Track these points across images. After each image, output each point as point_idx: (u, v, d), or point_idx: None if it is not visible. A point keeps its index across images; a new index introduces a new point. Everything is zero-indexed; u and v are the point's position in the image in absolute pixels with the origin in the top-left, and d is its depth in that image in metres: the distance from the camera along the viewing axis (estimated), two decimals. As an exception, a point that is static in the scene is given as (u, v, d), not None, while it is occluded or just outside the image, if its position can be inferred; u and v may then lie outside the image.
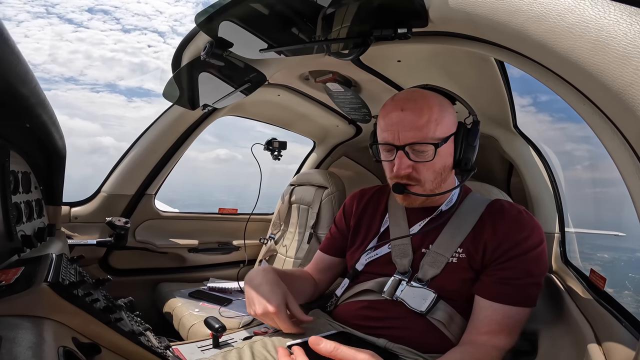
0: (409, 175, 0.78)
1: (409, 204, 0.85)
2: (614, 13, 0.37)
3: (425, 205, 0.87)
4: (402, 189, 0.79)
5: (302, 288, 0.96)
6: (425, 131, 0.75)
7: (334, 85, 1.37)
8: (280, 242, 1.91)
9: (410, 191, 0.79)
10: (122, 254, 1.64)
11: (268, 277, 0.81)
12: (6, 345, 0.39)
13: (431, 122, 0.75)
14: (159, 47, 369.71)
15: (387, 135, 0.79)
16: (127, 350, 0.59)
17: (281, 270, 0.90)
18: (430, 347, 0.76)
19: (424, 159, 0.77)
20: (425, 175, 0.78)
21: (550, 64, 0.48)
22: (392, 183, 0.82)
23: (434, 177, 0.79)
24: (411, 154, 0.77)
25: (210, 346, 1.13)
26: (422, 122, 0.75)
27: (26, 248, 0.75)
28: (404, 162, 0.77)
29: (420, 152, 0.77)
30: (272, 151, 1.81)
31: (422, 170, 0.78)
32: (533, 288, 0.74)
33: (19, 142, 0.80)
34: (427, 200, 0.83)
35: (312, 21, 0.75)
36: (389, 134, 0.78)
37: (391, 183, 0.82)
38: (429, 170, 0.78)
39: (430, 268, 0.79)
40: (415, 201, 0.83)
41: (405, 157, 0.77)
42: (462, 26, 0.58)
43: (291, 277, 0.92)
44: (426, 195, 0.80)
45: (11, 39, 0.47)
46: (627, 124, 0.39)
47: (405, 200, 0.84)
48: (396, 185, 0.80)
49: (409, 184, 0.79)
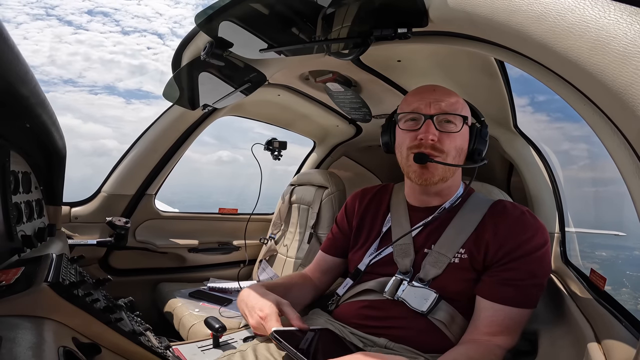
0: (433, 145, 0.79)
1: (426, 179, 0.81)
2: (614, 13, 0.37)
3: (427, 205, 0.87)
4: (426, 158, 0.78)
5: (299, 294, 0.94)
6: (456, 106, 0.81)
7: (334, 85, 1.37)
8: (281, 242, 1.91)
9: (433, 159, 0.78)
10: (122, 254, 1.64)
11: (256, 289, 0.81)
12: (6, 345, 0.39)
13: (460, 102, 0.83)
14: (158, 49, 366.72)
15: (417, 105, 0.81)
16: (127, 350, 0.59)
17: (272, 283, 0.90)
18: (430, 347, 0.76)
19: (452, 130, 0.80)
20: (449, 147, 0.80)
21: (551, 63, 0.48)
22: (412, 154, 0.80)
23: (455, 152, 0.81)
24: (438, 125, 0.79)
25: (210, 346, 1.13)
26: (453, 100, 0.81)
27: (26, 248, 0.75)
28: (432, 130, 0.79)
29: (449, 123, 0.80)
30: (272, 151, 1.81)
31: (446, 142, 0.79)
32: (535, 289, 0.74)
33: (19, 142, 0.80)
34: (442, 180, 0.81)
35: (312, 21, 0.75)
36: (419, 103, 0.81)
37: (410, 154, 0.81)
38: (452, 144, 0.80)
39: (432, 268, 0.79)
40: (433, 176, 0.81)
41: (432, 125, 0.79)
42: (462, 26, 0.58)
43: (285, 288, 0.90)
44: (449, 165, 0.79)
45: (10, 38, 0.47)
46: (627, 123, 0.39)
47: (424, 175, 0.81)
48: (418, 155, 0.79)
49: (432, 153, 0.79)
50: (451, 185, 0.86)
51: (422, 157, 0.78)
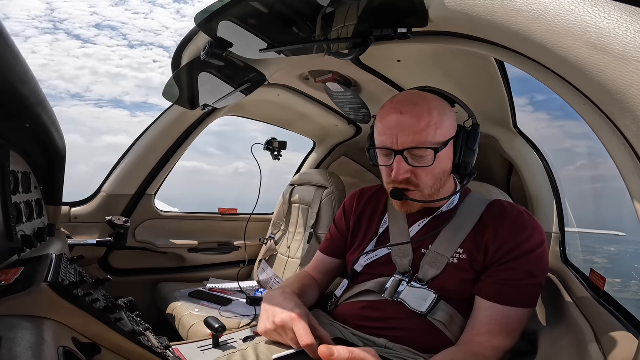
0: (407, 180, 0.77)
1: (407, 211, 0.83)
2: (614, 13, 0.37)
3: (424, 206, 0.86)
4: (401, 195, 0.78)
5: (311, 296, 0.93)
6: (425, 135, 0.73)
7: (334, 85, 1.37)
8: (280, 242, 1.91)
9: (409, 197, 0.78)
10: (122, 254, 1.64)
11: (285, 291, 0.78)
12: (6, 345, 0.39)
13: (431, 126, 0.73)
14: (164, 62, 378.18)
15: (385, 139, 0.77)
16: (127, 351, 0.59)
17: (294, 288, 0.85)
18: (430, 348, 0.76)
19: (423, 164, 0.76)
20: (425, 180, 0.77)
21: (550, 63, 0.48)
22: (390, 188, 0.81)
23: (433, 182, 0.78)
24: (410, 158, 0.76)
25: (210, 346, 1.13)
26: (422, 126, 0.73)
27: (26, 248, 0.75)
28: (403, 167, 0.76)
29: (420, 157, 0.76)
30: (272, 151, 1.81)
31: (422, 175, 0.77)
32: (534, 289, 0.74)
33: (19, 142, 0.80)
34: (425, 206, 0.83)
35: (312, 21, 0.75)
36: (387, 137, 0.76)
37: (389, 188, 0.81)
38: (428, 176, 0.77)
39: (431, 268, 0.79)
40: (413, 207, 0.82)
41: (404, 162, 0.75)
42: (462, 26, 0.58)
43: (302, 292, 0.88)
44: (425, 202, 0.79)
45: (10, 38, 0.47)
46: (627, 124, 0.39)
47: (404, 207, 0.82)
48: (394, 191, 0.79)
49: (408, 189, 0.78)
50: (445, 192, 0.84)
51: (398, 193, 0.78)
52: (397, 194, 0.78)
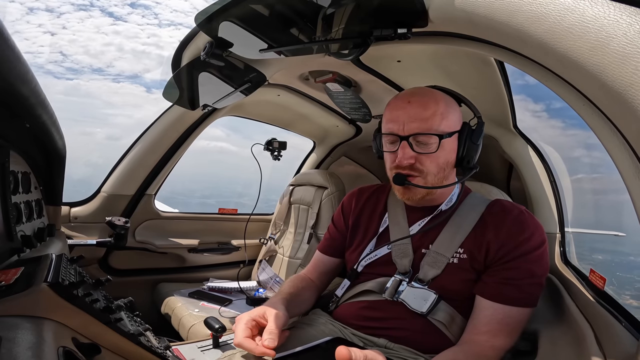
0: (411, 165, 0.78)
1: (408, 198, 0.83)
2: (614, 13, 0.37)
3: (424, 205, 0.86)
4: (403, 180, 0.78)
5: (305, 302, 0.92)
6: (431, 123, 0.76)
7: (334, 85, 1.37)
8: (280, 242, 1.91)
9: (412, 182, 0.78)
10: (122, 254, 1.64)
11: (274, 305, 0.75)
12: (6, 345, 0.39)
13: (436, 115, 0.76)
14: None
15: (392, 125, 0.79)
16: (127, 351, 0.59)
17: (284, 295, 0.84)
18: (430, 348, 0.76)
19: (428, 151, 0.77)
20: (428, 167, 0.78)
21: (550, 64, 0.48)
22: (392, 174, 0.81)
23: (436, 170, 0.78)
24: (415, 145, 0.77)
25: (210, 346, 1.13)
26: (428, 114, 0.76)
27: (26, 248, 0.75)
28: (407, 152, 0.77)
29: (424, 143, 0.77)
30: (271, 151, 1.81)
31: (426, 163, 0.78)
32: (535, 288, 0.74)
33: (19, 142, 0.80)
34: (427, 195, 0.82)
35: (312, 21, 0.75)
36: (394, 124, 0.78)
37: (392, 175, 0.81)
38: (432, 163, 0.78)
39: (431, 268, 0.79)
40: (415, 195, 0.81)
41: (408, 147, 0.77)
42: (462, 26, 0.58)
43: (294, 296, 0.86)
44: (427, 188, 0.79)
45: (11, 39, 0.47)
46: (627, 124, 0.39)
47: (405, 194, 0.82)
48: (397, 176, 0.79)
49: (411, 174, 0.78)
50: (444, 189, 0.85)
51: (400, 178, 0.78)
52: (399, 178, 0.78)
